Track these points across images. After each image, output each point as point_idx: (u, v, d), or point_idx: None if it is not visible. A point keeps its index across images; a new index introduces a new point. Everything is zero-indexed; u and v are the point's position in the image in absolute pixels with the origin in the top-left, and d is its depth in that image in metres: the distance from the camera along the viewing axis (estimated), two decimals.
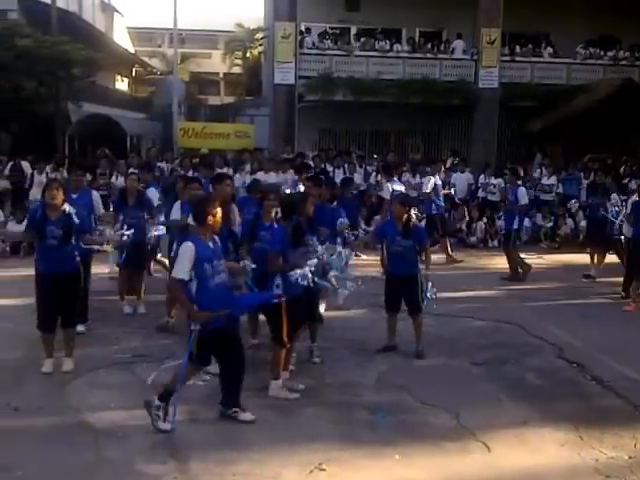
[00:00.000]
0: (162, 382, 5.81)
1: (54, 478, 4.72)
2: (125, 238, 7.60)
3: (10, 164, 15.93)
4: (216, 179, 7.68)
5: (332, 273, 6.03)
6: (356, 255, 11.10)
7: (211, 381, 6.32)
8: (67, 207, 6.62)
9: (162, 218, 8.68)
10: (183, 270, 5.36)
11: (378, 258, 8.10)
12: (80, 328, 7.61)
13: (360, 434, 5.47)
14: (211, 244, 5.52)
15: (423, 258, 7.44)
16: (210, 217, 5.48)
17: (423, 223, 11.39)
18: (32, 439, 5.23)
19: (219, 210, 5.58)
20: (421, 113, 20.08)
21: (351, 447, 5.22)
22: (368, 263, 11.29)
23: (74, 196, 7.80)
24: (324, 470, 4.85)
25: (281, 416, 5.68)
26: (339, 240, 7.19)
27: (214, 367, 5.82)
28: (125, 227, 7.81)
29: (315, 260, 5.93)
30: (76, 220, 6.64)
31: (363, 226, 12.97)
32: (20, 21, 21.06)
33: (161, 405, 5.41)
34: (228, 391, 5.63)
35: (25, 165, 15.80)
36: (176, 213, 7.89)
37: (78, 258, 6.78)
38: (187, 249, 5.37)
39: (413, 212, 7.77)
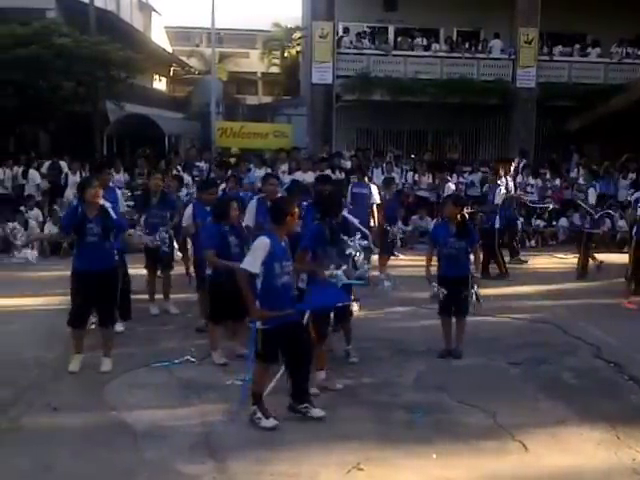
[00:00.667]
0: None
1: (94, 478, 4.77)
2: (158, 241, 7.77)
3: (48, 163, 16.18)
4: (263, 179, 7.81)
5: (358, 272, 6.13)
6: (394, 255, 11.10)
7: (249, 381, 6.38)
8: (104, 203, 6.72)
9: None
10: (254, 264, 5.44)
11: (416, 258, 8.07)
12: (119, 327, 7.76)
13: (398, 434, 5.46)
14: (283, 244, 5.59)
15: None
16: (289, 217, 5.56)
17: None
18: (71, 439, 5.28)
19: (296, 210, 5.68)
20: (458, 113, 19.99)
21: (389, 447, 5.22)
22: (406, 263, 11.28)
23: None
24: (362, 470, 4.85)
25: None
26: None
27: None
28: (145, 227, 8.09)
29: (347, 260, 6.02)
30: (114, 215, 6.73)
31: (400, 225, 12.97)
32: (58, 20, 21.21)
33: (256, 408, 5.50)
34: (297, 387, 5.68)
35: (63, 165, 16.04)
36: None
37: (117, 256, 6.86)
38: (262, 244, 5.47)
39: (466, 212, 7.67)
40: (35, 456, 4.99)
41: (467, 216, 7.50)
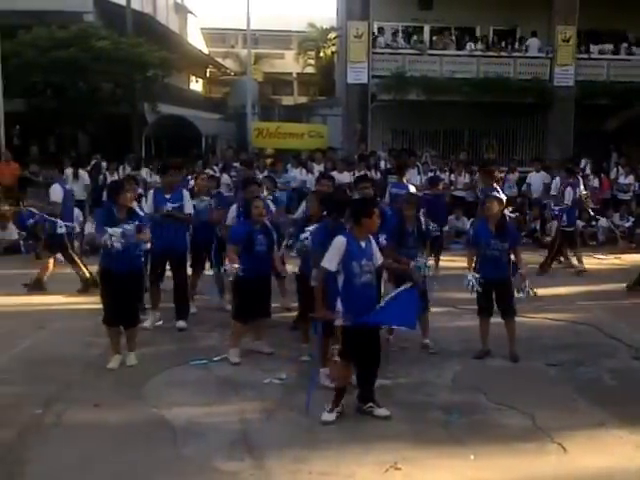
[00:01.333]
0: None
1: (133, 474, 4.85)
2: None
3: (93, 162, 16.43)
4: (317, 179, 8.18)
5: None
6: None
7: (286, 380, 6.45)
8: (134, 205, 7.04)
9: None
10: (331, 262, 5.57)
11: (452, 258, 8.05)
12: (181, 324, 8.00)
13: (434, 434, 5.46)
14: (363, 244, 5.67)
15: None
16: (365, 218, 5.66)
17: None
18: (112, 435, 5.38)
19: (376, 212, 5.75)
20: (495, 112, 19.82)
21: (425, 447, 5.23)
22: (442, 264, 11.21)
23: (167, 196, 8.08)
24: (399, 469, 4.86)
25: (356, 415, 5.72)
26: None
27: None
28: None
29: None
30: (140, 212, 6.98)
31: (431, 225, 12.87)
32: (96, 23, 21.61)
33: (333, 407, 5.63)
34: (364, 386, 5.77)
35: (104, 165, 16.28)
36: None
37: (143, 258, 7.06)
38: (338, 243, 5.59)
39: (507, 211, 7.60)
40: (78, 450, 5.11)
41: (509, 216, 7.41)
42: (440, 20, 22.64)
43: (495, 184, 11.39)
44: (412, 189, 10.57)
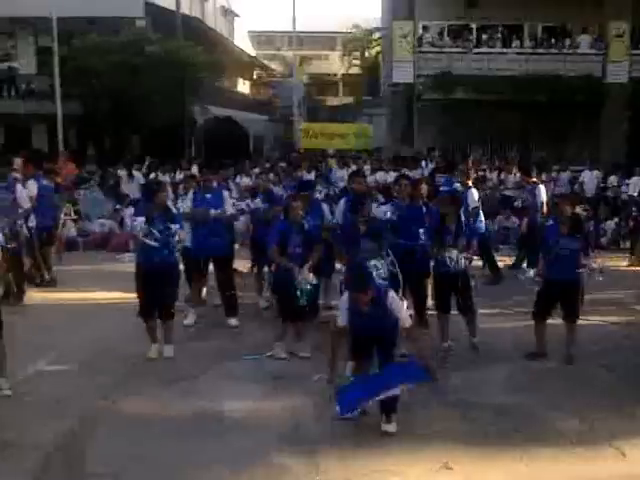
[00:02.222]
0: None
1: (187, 466, 4.90)
2: None
3: (148, 163, 16.65)
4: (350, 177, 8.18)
5: None
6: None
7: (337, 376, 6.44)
8: (169, 203, 7.20)
9: None
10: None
11: (501, 258, 7.94)
12: (233, 322, 8.08)
13: (487, 435, 5.39)
14: None
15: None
16: None
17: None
18: (166, 427, 5.47)
19: None
20: (545, 110, 19.49)
21: (477, 447, 5.16)
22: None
23: (208, 196, 8.13)
24: (451, 469, 4.82)
25: (407, 414, 5.66)
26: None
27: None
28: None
29: None
30: (174, 210, 7.14)
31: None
32: (147, 28, 22.12)
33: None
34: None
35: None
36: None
37: (177, 252, 7.17)
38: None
39: (580, 210, 7.43)
40: (134, 441, 5.21)
41: (580, 215, 7.21)
42: (486, 18, 22.34)
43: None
44: (458, 187, 10.42)
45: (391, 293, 5.45)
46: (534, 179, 11.50)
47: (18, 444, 5.13)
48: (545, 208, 10.72)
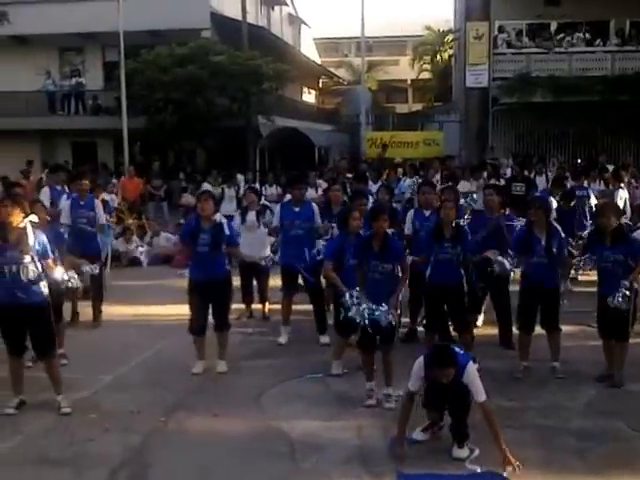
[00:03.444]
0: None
1: None
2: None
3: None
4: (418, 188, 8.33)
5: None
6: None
7: None
8: (219, 217, 7.28)
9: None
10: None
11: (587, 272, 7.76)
12: (324, 339, 8.03)
13: (567, 462, 5.23)
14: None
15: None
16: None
17: None
18: (230, 445, 5.54)
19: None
20: (632, 111, 18.87)
21: (556, 475, 5.02)
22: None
23: (296, 209, 8.20)
24: None
25: (481, 438, 5.55)
26: None
27: None
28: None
29: None
30: (227, 231, 7.17)
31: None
32: (213, 38, 22.66)
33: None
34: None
35: (240, 178, 16.69)
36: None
37: (228, 266, 7.30)
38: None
39: (624, 220, 7.22)
40: (197, 459, 5.31)
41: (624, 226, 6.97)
42: (568, 15, 21.90)
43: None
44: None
45: (471, 369, 5.23)
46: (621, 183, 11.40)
47: (83, 460, 5.31)
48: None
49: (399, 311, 6.49)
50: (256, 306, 9.46)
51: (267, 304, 9.32)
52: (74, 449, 5.47)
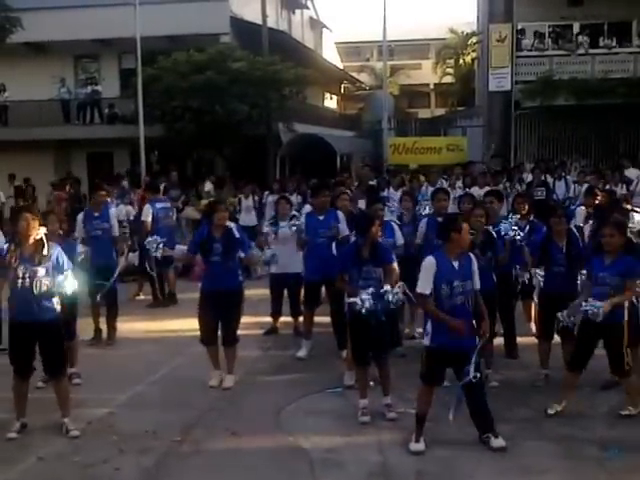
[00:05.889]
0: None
1: None
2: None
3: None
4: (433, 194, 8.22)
5: None
6: None
7: None
8: (229, 226, 7.26)
9: None
10: (424, 284, 5.60)
11: None
12: (345, 354, 7.78)
13: (589, 472, 5.26)
14: (456, 263, 5.62)
15: None
16: (453, 233, 5.60)
17: None
18: (249, 464, 5.57)
19: (466, 227, 5.66)
20: None
21: None
22: None
23: (320, 218, 8.16)
24: None
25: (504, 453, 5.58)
26: None
27: None
28: None
29: None
30: (237, 234, 7.20)
31: None
32: (232, 44, 22.57)
33: (417, 436, 5.67)
34: (475, 415, 5.71)
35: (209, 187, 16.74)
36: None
37: (241, 277, 7.32)
38: (427, 264, 5.62)
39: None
40: (216, 476, 5.38)
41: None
42: (591, 16, 21.78)
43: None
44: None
45: None
46: None
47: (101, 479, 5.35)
48: None
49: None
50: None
51: (299, 318, 9.01)
52: (88, 472, 5.46)
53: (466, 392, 5.63)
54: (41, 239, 5.95)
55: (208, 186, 17.04)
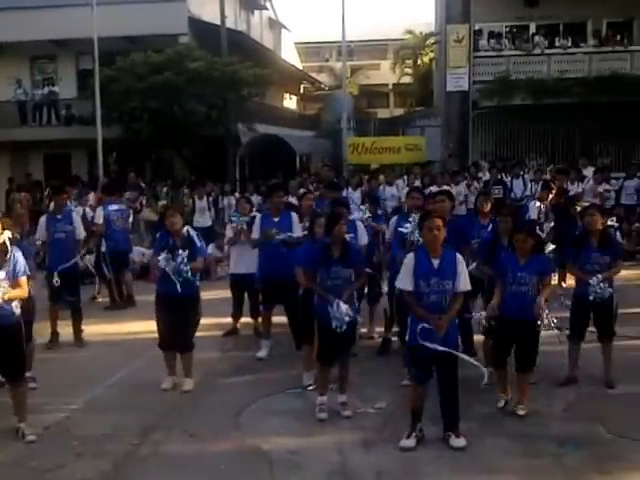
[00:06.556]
0: None
1: None
2: None
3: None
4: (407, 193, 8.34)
5: None
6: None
7: (385, 409, 6.46)
8: (187, 230, 7.19)
9: None
10: (404, 280, 5.71)
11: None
12: None
13: (548, 468, 5.32)
14: (436, 262, 5.65)
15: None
16: (427, 231, 5.69)
17: None
18: (208, 466, 5.53)
19: (438, 224, 5.66)
20: (610, 113, 19.11)
21: None
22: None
23: (275, 220, 8.07)
24: None
25: (464, 452, 5.62)
26: None
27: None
28: None
29: None
30: (197, 243, 7.13)
31: None
32: (191, 44, 22.42)
33: (410, 432, 5.69)
34: (443, 412, 5.77)
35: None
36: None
37: (198, 283, 7.22)
38: (407, 260, 5.74)
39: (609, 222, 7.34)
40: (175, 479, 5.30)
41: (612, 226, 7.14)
42: (547, 17, 22.11)
43: None
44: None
45: None
46: None
47: None
48: None
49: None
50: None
51: (259, 319, 8.92)
52: (46, 477, 5.38)
53: (440, 384, 5.71)
54: (4, 243, 5.83)
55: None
